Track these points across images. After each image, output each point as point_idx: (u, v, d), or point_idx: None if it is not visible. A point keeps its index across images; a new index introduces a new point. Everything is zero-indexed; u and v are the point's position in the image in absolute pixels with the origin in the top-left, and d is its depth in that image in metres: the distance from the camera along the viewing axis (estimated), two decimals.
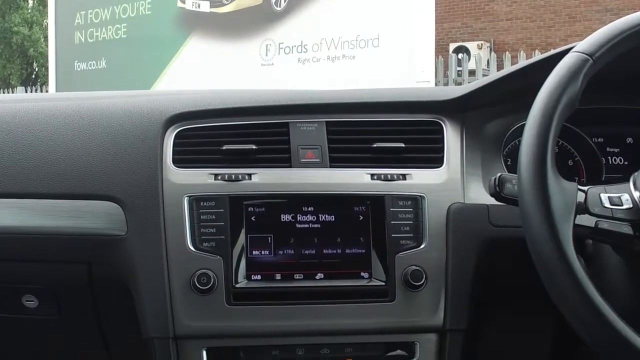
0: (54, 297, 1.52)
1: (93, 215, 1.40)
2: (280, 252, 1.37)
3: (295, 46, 9.53)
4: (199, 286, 1.31)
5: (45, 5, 17.98)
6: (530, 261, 1.08)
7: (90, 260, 1.45)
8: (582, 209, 1.12)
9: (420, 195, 1.41)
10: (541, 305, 1.22)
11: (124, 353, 1.62)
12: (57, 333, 1.61)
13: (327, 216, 1.38)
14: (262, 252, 1.36)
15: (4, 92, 17.22)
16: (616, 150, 1.60)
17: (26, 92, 16.09)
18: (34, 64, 24.09)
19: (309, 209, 1.38)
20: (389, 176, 1.42)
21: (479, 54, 12.12)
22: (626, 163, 1.60)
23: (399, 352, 1.40)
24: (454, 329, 1.39)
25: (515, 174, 1.14)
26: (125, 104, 1.51)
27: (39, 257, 1.45)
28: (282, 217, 1.38)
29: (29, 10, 23.92)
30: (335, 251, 1.38)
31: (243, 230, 1.36)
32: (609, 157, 1.60)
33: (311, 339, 1.38)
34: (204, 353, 1.37)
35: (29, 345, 1.67)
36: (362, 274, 1.38)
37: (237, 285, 1.35)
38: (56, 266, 1.47)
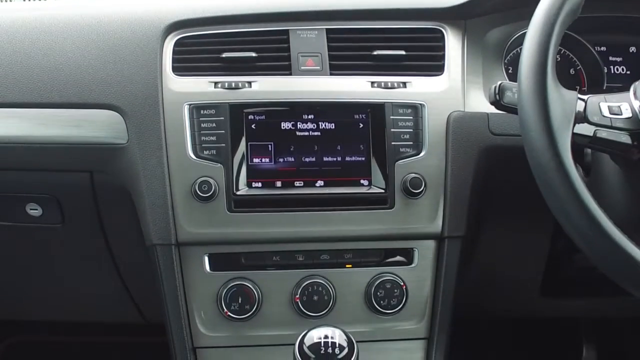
0: (58, 206, 1.54)
1: (94, 124, 1.41)
2: (281, 160, 1.38)
3: None
4: (200, 194, 1.33)
5: None
6: (529, 169, 1.09)
7: (92, 169, 1.46)
8: (581, 117, 1.12)
9: (420, 103, 1.40)
10: (539, 214, 1.23)
11: (127, 260, 1.64)
12: (61, 241, 1.63)
13: (327, 124, 1.39)
14: (263, 160, 1.37)
15: (0, 2, 16.93)
16: (619, 59, 1.59)
17: (24, 0, 15.86)
18: None
19: (309, 116, 1.38)
20: (389, 84, 1.42)
21: None
22: (628, 72, 1.59)
23: (397, 258, 1.43)
24: (452, 236, 1.41)
25: (516, 82, 1.13)
26: (124, 12, 1.49)
27: (41, 166, 1.47)
28: (282, 125, 1.38)
29: None
30: (335, 159, 1.38)
31: (243, 138, 1.37)
32: (612, 66, 1.59)
33: (311, 245, 1.41)
34: (206, 259, 1.39)
35: (34, 254, 1.69)
36: (362, 181, 1.39)
37: (238, 193, 1.36)
38: (58, 175, 1.48)
